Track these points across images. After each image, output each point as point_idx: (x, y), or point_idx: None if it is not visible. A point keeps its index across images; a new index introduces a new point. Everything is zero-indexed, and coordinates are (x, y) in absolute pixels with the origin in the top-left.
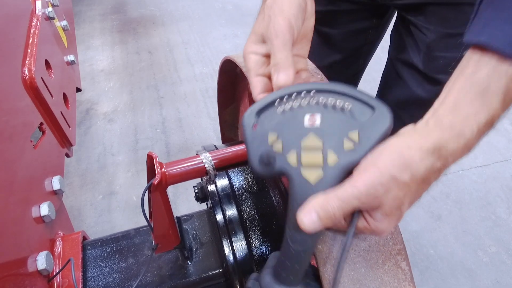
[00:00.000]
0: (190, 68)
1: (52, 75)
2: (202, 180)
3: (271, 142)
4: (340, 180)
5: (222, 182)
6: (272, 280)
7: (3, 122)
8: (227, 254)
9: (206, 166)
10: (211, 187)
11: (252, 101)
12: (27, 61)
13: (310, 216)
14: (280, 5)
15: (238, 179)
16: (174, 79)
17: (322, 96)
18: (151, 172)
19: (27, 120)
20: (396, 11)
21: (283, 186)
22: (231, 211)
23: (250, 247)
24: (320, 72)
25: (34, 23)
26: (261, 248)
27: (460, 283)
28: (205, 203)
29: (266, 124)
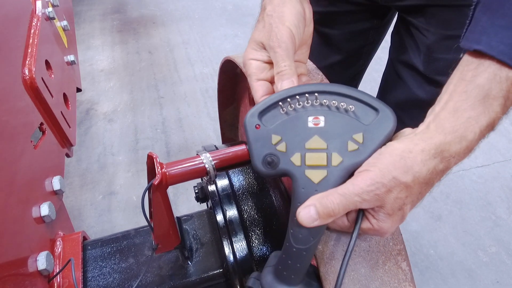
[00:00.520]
0: (190, 68)
1: (52, 75)
2: (202, 180)
3: (275, 142)
4: (343, 181)
5: (223, 182)
6: (273, 279)
7: (3, 122)
8: (227, 254)
9: (207, 166)
10: (212, 187)
11: (253, 102)
12: (27, 61)
13: (308, 210)
14: (281, 14)
15: (239, 179)
16: (174, 79)
17: (326, 98)
18: (151, 172)
19: (27, 120)
20: (397, 12)
21: (283, 186)
22: (231, 211)
23: (250, 247)
24: (321, 73)
25: (34, 23)
26: (261, 248)
27: (460, 283)
28: (205, 203)
29: (269, 125)
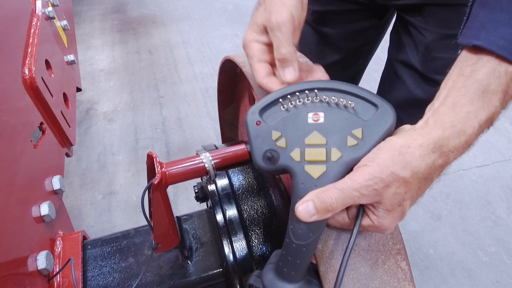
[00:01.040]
0: (190, 67)
1: (52, 75)
2: (202, 179)
3: (275, 138)
4: (343, 176)
5: (222, 182)
6: (274, 276)
7: (3, 121)
8: (227, 254)
9: (206, 166)
10: (211, 187)
11: (253, 101)
12: (27, 60)
13: (306, 205)
14: None
15: (238, 179)
16: (174, 79)
17: (326, 95)
18: (151, 172)
19: (27, 120)
20: (396, 12)
21: (283, 186)
22: (231, 211)
23: (250, 247)
24: None
25: (34, 23)
26: (261, 248)
27: (460, 283)
28: (205, 203)
29: (269, 121)
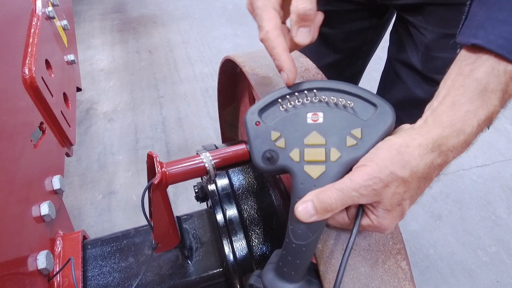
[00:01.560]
0: (190, 67)
1: (52, 75)
2: (202, 179)
3: (274, 139)
4: (342, 176)
5: (222, 182)
6: (274, 276)
7: (3, 121)
8: (227, 254)
9: (206, 165)
10: (211, 187)
11: (253, 101)
12: (27, 60)
13: (306, 205)
14: None
15: (238, 179)
16: (174, 79)
17: (325, 95)
18: (151, 172)
19: (27, 120)
20: (396, 11)
21: (283, 186)
22: (231, 211)
23: (250, 247)
24: (321, 72)
25: (34, 23)
26: (261, 248)
27: (460, 283)
28: (205, 203)
29: (269, 121)
